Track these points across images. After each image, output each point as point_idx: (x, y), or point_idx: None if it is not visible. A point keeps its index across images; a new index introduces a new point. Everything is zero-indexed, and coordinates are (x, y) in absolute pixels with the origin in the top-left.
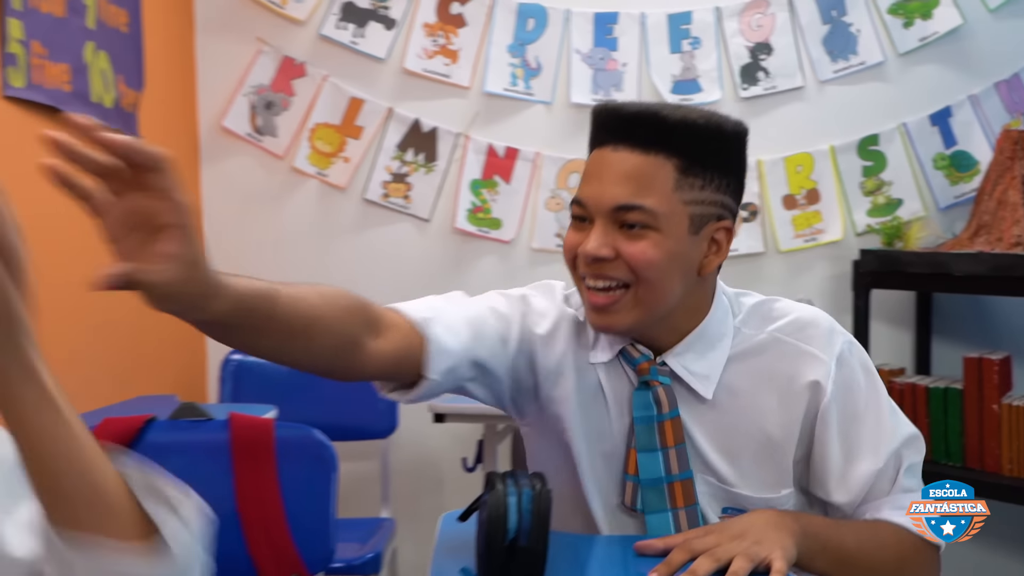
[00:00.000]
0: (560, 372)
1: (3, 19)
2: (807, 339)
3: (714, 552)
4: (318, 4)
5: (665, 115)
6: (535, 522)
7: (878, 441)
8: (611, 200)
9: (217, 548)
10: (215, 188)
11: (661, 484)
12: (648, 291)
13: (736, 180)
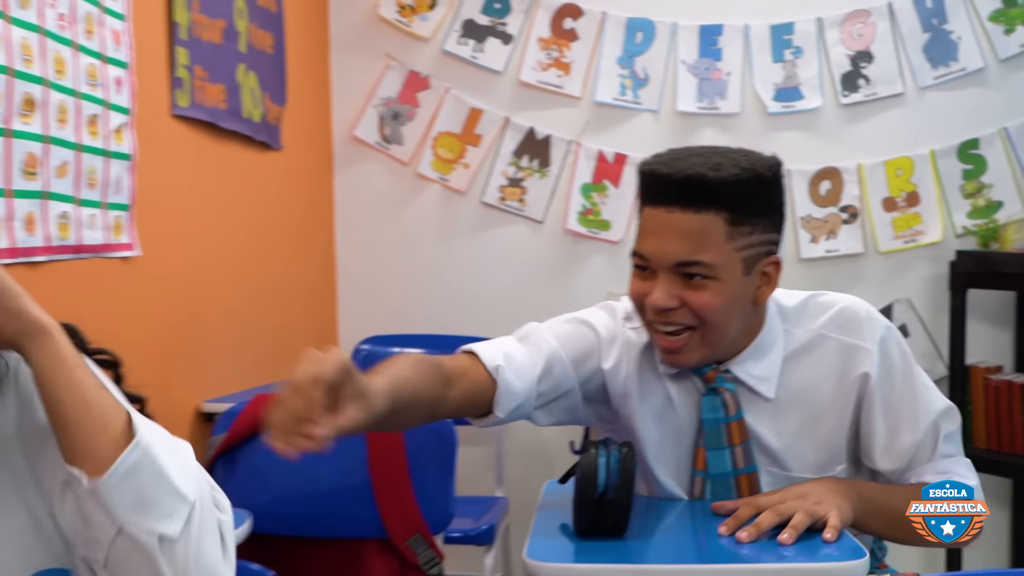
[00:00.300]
0: (626, 393)
1: (172, 48)
2: (850, 332)
3: (777, 508)
4: (441, 22)
5: (711, 177)
6: (621, 479)
7: (916, 415)
8: (672, 257)
9: (352, 510)
10: (347, 192)
11: (728, 478)
12: (712, 332)
13: (778, 215)
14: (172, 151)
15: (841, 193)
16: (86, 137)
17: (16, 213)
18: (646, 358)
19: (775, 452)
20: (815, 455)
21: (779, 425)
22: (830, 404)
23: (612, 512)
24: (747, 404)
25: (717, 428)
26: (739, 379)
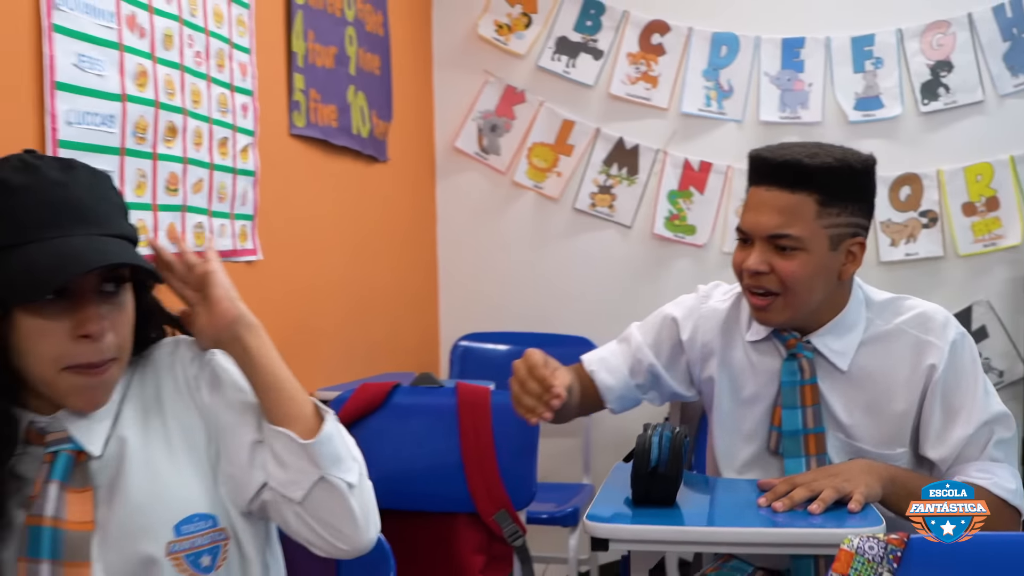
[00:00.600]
0: (706, 356)
1: (291, 75)
2: (927, 331)
3: (810, 484)
4: (536, 39)
5: (806, 163)
6: (671, 455)
7: (971, 412)
8: (766, 229)
9: (446, 487)
10: (449, 199)
11: (799, 435)
12: (794, 297)
13: (867, 203)
14: (290, 167)
15: (921, 198)
16: (217, 157)
17: (161, 224)
18: (728, 325)
19: (842, 421)
20: (879, 432)
21: (849, 397)
22: (899, 389)
23: (663, 484)
24: (822, 372)
25: (793, 389)
26: (817, 349)
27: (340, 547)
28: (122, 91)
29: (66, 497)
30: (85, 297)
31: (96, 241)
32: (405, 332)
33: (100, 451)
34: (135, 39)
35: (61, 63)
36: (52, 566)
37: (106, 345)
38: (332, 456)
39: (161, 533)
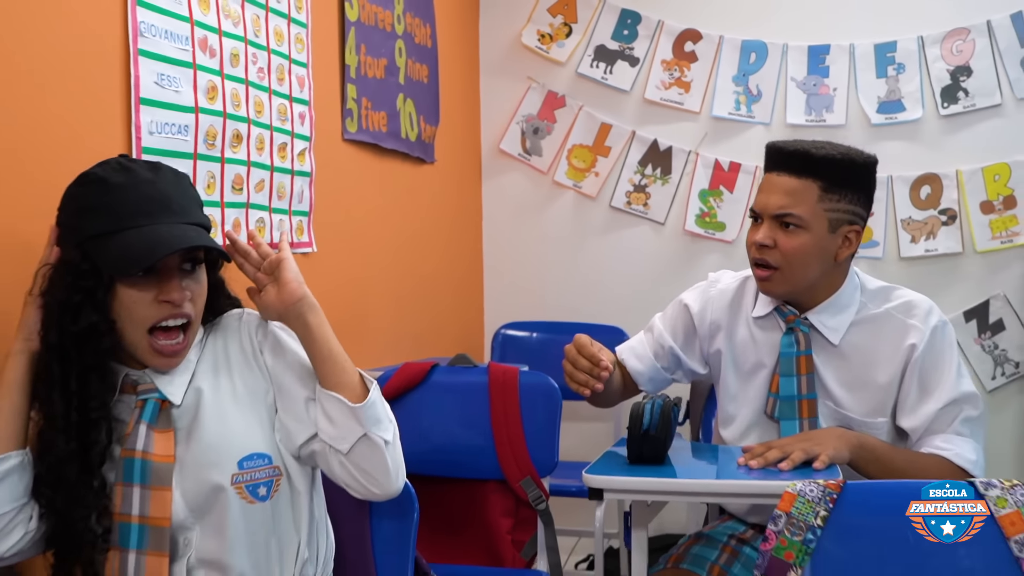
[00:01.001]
0: (714, 331)
1: (344, 86)
2: (911, 316)
3: (783, 447)
4: (576, 48)
5: (813, 153)
6: (661, 420)
7: (943, 390)
8: (774, 208)
9: (476, 456)
10: (493, 198)
11: (793, 400)
12: (792, 272)
13: (865, 196)
14: (343, 168)
15: (940, 197)
16: (277, 160)
17: (227, 218)
18: (734, 304)
19: (832, 391)
20: (863, 402)
21: (839, 369)
22: (883, 364)
23: (653, 444)
24: (816, 346)
25: (790, 359)
26: (813, 325)
27: (374, 491)
28: (195, 104)
29: (153, 436)
30: (169, 273)
31: (178, 228)
32: (450, 320)
33: (180, 400)
34: (206, 59)
35: (144, 81)
36: (142, 489)
37: (184, 311)
38: (374, 418)
39: (227, 467)
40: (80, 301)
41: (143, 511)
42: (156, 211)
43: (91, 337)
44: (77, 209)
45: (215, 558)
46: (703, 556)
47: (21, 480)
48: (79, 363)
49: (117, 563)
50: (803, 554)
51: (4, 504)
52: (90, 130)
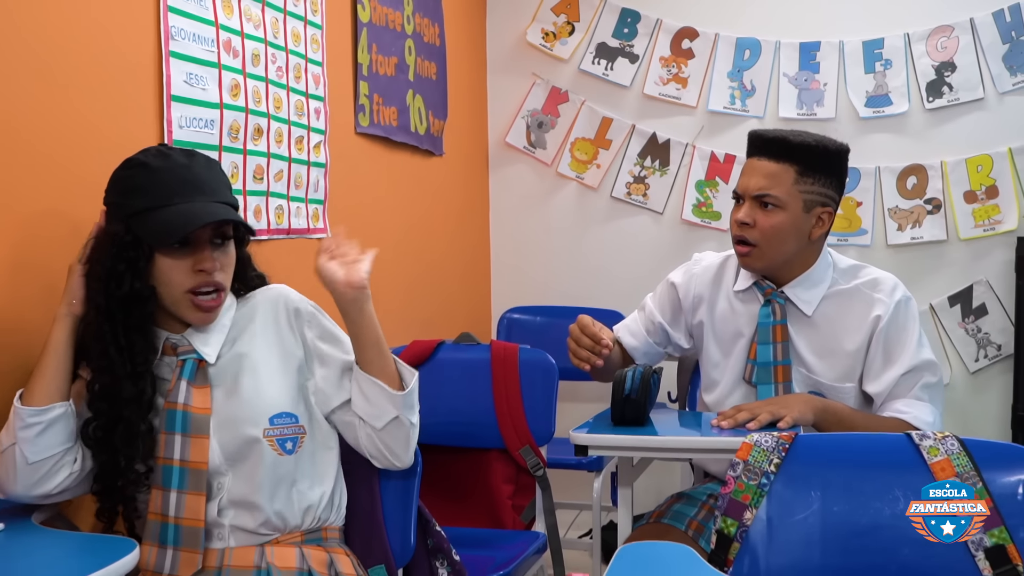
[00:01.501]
0: (697, 304)
1: (357, 83)
2: (878, 291)
3: (752, 409)
4: (578, 45)
5: (790, 139)
6: (641, 385)
7: (903, 357)
8: (754, 189)
9: (479, 427)
10: (500, 189)
11: (769, 366)
12: (769, 248)
13: (837, 180)
14: (356, 160)
15: (926, 187)
16: (295, 152)
17: (249, 206)
18: (716, 279)
19: (805, 358)
20: (832, 368)
21: (811, 338)
22: (851, 334)
23: (634, 407)
24: (791, 317)
25: (767, 328)
26: (788, 298)
27: (393, 463)
28: (220, 101)
29: (192, 391)
30: (201, 245)
31: (210, 206)
32: (458, 304)
33: (214, 360)
34: (230, 59)
35: (175, 80)
36: (182, 437)
37: (215, 280)
38: (410, 404)
39: (260, 422)
40: (124, 269)
41: (184, 456)
42: (190, 191)
43: (134, 301)
44: (122, 189)
45: (244, 499)
46: (683, 512)
47: (66, 427)
48: (124, 323)
49: (160, 500)
50: (758, 496)
51: (53, 447)
52: (128, 124)
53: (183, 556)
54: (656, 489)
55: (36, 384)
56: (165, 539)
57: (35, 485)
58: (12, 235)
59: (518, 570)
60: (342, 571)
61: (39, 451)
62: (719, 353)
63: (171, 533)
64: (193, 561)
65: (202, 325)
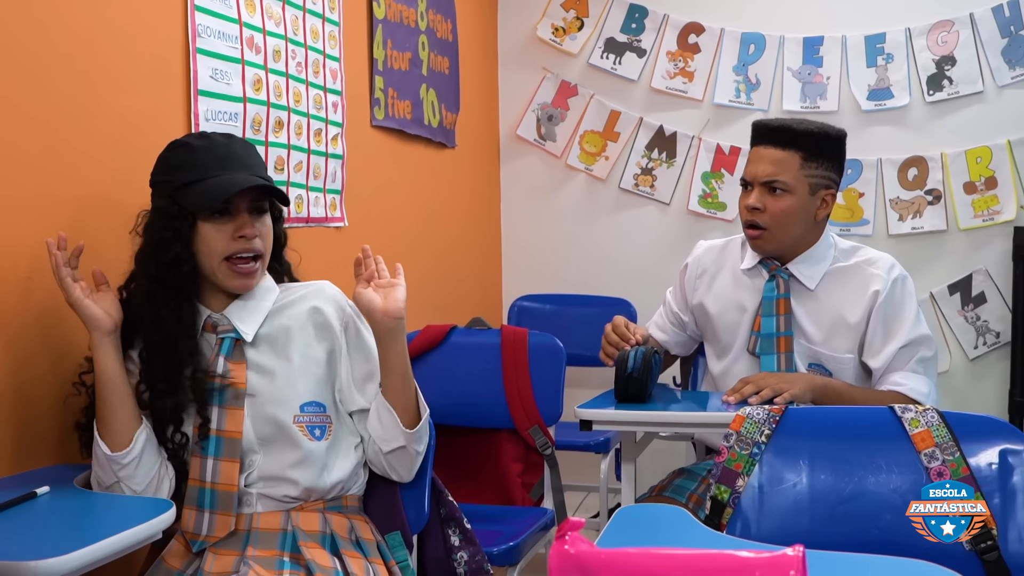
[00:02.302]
0: (702, 276)
1: (372, 77)
2: (876, 268)
3: (757, 382)
4: (587, 40)
5: (794, 127)
6: (643, 364)
7: (902, 332)
8: (763, 176)
9: (489, 408)
10: (511, 181)
11: (772, 337)
12: (778, 230)
13: (838, 163)
14: (371, 152)
15: (926, 178)
16: (313, 144)
17: None
18: (724, 256)
19: (806, 330)
20: (832, 339)
21: (812, 312)
22: (850, 307)
23: (636, 385)
24: (794, 291)
25: (771, 301)
26: (792, 273)
27: (394, 478)
28: (243, 95)
29: (229, 366)
30: (240, 214)
31: (248, 177)
32: (470, 292)
33: (251, 338)
34: (252, 55)
35: (202, 76)
36: (219, 409)
37: (254, 246)
38: (418, 438)
39: (291, 408)
40: (170, 237)
41: (220, 425)
42: (229, 164)
43: (176, 265)
44: (167, 168)
45: (272, 474)
46: (684, 486)
47: (152, 445)
48: (173, 287)
49: (199, 467)
50: (749, 464)
51: (151, 471)
52: (157, 117)
53: (218, 519)
54: (662, 471)
55: (110, 422)
56: (203, 503)
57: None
58: (56, 224)
59: (526, 543)
60: (362, 536)
61: (140, 481)
62: (724, 327)
63: (208, 497)
64: (227, 523)
65: (241, 291)
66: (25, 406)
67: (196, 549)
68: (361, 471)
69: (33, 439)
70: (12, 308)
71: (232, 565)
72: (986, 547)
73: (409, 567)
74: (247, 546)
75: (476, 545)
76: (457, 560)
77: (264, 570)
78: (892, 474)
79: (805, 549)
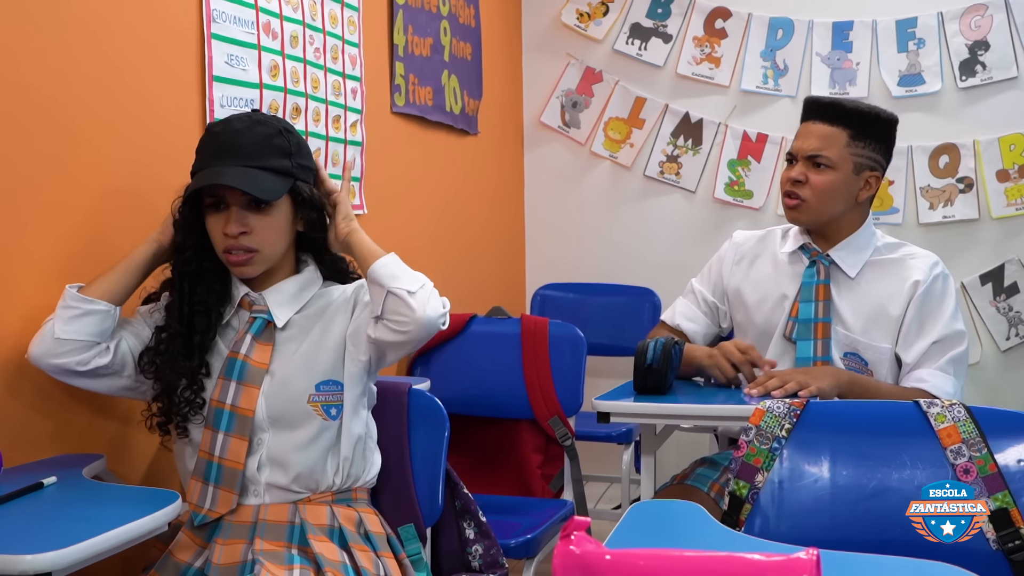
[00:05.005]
0: (737, 268)
1: (392, 63)
2: (919, 261)
3: (782, 376)
4: (612, 26)
5: (844, 105)
6: (663, 355)
7: (937, 328)
8: (808, 150)
9: (509, 398)
10: (535, 168)
11: (810, 323)
12: (818, 203)
13: (886, 147)
14: (391, 139)
15: (958, 166)
16: (332, 131)
17: None
18: (763, 243)
19: (845, 318)
20: (871, 328)
21: (852, 300)
22: (891, 298)
23: (655, 376)
24: (834, 278)
25: (811, 287)
26: (833, 260)
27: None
28: (260, 81)
29: (256, 345)
30: (231, 209)
31: (233, 170)
32: (493, 280)
33: (282, 325)
34: (269, 41)
35: (217, 61)
36: (236, 384)
37: (240, 244)
38: (389, 275)
39: (308, 387)
40: (181, 222)
41: (235, 401)
42: (226, 155)
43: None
44: (196, 151)
45: (280, 457)
46: (706, 475)
47: (100, 323)
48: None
49: (209, 439)
50: (769, 460)
51: (80, 334)
52: (171, 103)
53: (222, 494)
54: (685, 462)
55: (95, 281)
56: (209, 476)
57: (53, 357)
58: (68, 212)
59: (544, 535)
60: (371, 529)
61: (67, 331)
62: (760, 313)
63: (214, 471)
64: (229, 500)
65: (241, 278)
66: (34, 396)
67: (198, 523)
68: (370, 461)
69: (41, 428)
70: (23, 299)
71: (240, 555)
72: (1014, 547)
73: (422, 560)
74: (254, 537)
75: (491, 538)
76: (472, 553)
77: (274, 566)
78: (916, 470)
79: (820, 552)
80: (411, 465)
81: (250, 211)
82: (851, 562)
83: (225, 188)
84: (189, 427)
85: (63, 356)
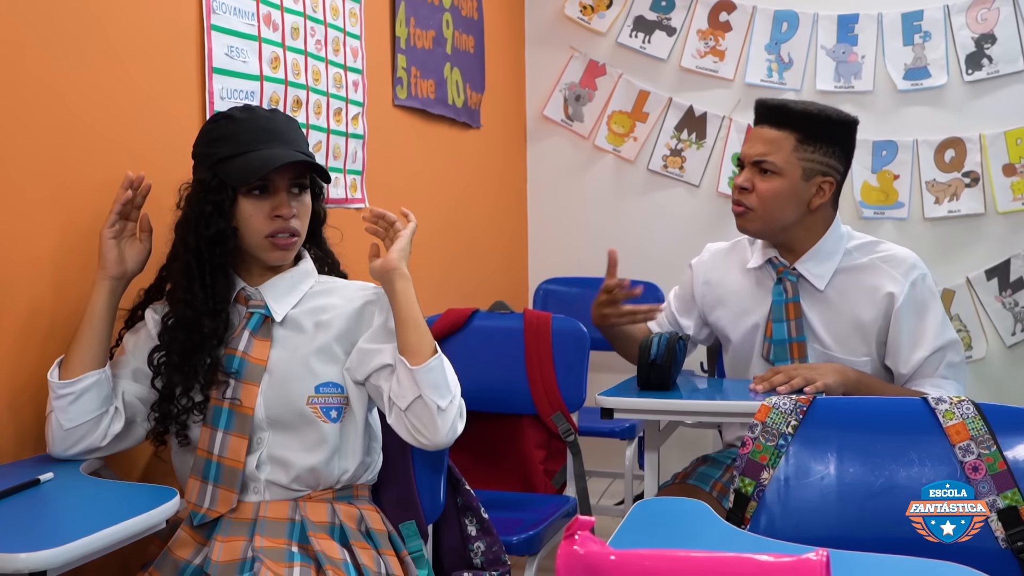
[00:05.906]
0: (708, 281)
1: (394, 56)
2: (893, 267)
3: (788, 372)
4: (616, 19)
5: (791, 107)
6: (667, 351)
7: (928, 338)
8: (754, 155)
9: (512, 394)
10: (538, 162)
11: (784, 343)
12: (765, 212)
13: (842, 150)
14: (393, 132)
15: (964, 160)
16: (333, 124)
17: None
18: (730, 257)
19: (819, 333)
20: (846, 343)
21: (824, 314)
22: (864, 309)
23: (660, 372)
24: (804, 293)
25: (780, 306)
26: (800, 274)
27: (422, 442)
28: (260, 73)
29: (253, 341)
30: (279, 192)
31: (289, 153)
32: (496, 274)
33: (280, 319)
34: (270, 32)
35: (217, 53)
36: (235, 381)
37: (291, 226)
38: (431, 383)
39: (307, 389)
40: (211, 211)
41: (234, 399)
42: (271, 139)
43: (219, 240)
44: (208, 140)
45: (280, 457)
46: (708, 474)
47: (98, 394)
48: (210, 263)
49: (208, 438)
50: (775, 457)
51: (85, 414)
52: (171, 96)
53: (221, 493)
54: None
55: (72, 354)
56: (208, 475)
57: (71, 446)
58: (64, 203)
59: (546, 532)
60: (372, 526)
61: (72, 418)
62: (736, 331)
63: (213, 470)
64: (229, 500)
65: (278, 263)
66: (31, 391)
67: (197, 522)
68: (372, 459)
69: (39, 423)
70: (23, 291)
71: (240, 552)
72: (1023, 545)
73: (423, 557)
74: (254, 534)
75: (493, 535)
76: (474, 550)
77: (275, 563)
78: (924, 468)
79: (830, 552)
80: (412, 461)
81: (291, 196)
82: (860, 562)
83: (273, 172)
84: (188, 433)
85: (82, 441)
